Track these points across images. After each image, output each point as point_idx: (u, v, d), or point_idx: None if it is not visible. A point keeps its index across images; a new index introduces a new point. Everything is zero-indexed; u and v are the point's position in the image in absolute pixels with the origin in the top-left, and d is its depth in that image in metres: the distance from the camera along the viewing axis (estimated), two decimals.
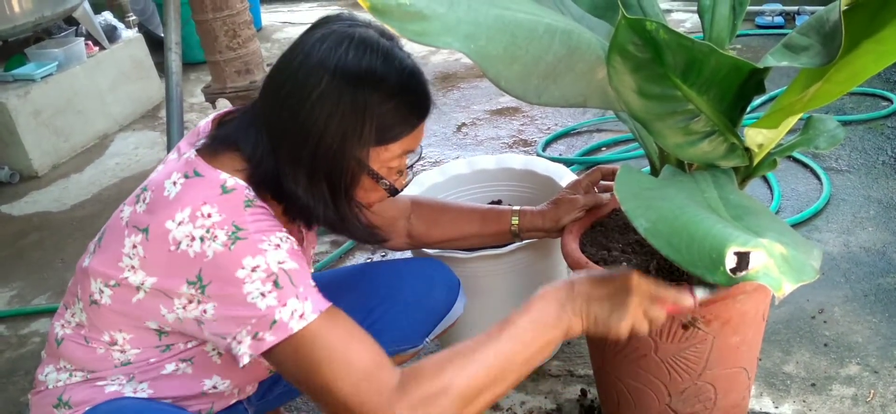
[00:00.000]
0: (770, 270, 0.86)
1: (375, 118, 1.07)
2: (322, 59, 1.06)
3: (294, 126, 1.08)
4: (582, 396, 1.70)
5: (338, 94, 1.05)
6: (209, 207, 1.05)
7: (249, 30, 2.65)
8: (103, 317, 1.12)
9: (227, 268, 1.03)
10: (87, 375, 1.16)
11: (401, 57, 1.11)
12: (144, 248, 1.07)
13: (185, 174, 1.09)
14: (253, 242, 1.04)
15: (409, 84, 1.11)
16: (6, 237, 2.85)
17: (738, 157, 1.20)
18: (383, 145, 1.11)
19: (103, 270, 1.10)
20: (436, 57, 4.03)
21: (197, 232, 1.04)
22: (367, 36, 1.09)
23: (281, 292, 1.03)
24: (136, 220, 1.09)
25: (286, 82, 1.08)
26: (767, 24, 3.64)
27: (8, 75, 3.31)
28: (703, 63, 1.04)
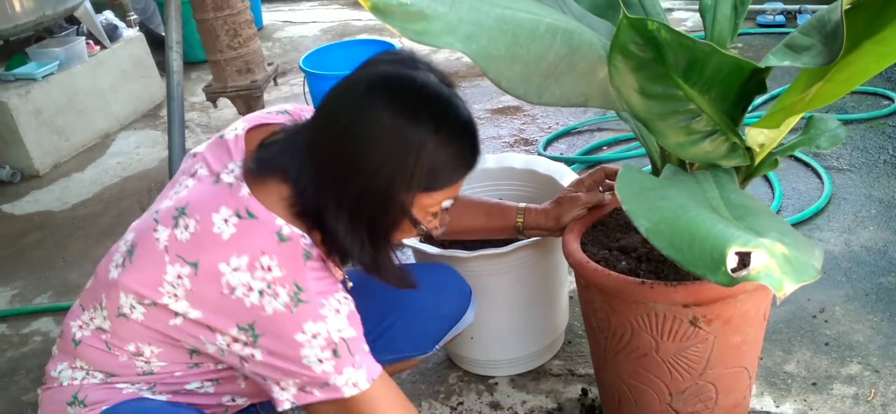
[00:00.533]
0: (771, 270, 0.86)
1: (426, 166, 1.04)
2: (382, 102, 1.03)
3: (344, 164, 1.05)
4: (583, 395, 1.70)
5: (393, 139, 1.02)
6: (268, 258, 1.04)
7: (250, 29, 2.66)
8: (131, 330, 1.12)
9: (287, 329, 1.05)
10: (106, 378, 1.16)
11: (459, 107, 1.08)
12: (192, 282, 1.06)
13: (238, 213, 1.06)
14: (314, 306, 1.05)
15: (463, 136, 1.08)
16: (7, 236, 2.85)
17: (740, 156, 1.20)
18: (428, 192, 1.08)
19: (138, 289, 1.09)
20: (437, 56, 4.02)
21: (256, 284, 1.04)
22: (428, 82, 1.06)
23: (338, 361, 1.07)
24: (180, 249, 1.07)
25: (342, 118, 1.05)
26: (769, 23, 3.63)
27: (9, 74, 3.30)
28: (704, 62, 1.04)
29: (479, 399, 1.74)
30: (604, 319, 1.36)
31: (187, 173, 1.17)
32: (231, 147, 1.15)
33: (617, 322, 1.33)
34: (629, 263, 1.35)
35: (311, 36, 4.68)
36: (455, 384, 1.80)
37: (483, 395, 1.76)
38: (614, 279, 1.27)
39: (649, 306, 1.25)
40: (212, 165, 1.14)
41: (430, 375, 1.84)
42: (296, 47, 4.52)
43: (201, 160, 1.17)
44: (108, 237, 2.72)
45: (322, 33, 4.70)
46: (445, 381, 1.81)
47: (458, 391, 1.78)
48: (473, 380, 1.80)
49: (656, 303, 1.24)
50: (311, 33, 4.74)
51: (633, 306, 1.28)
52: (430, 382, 1.81)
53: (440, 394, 1.78)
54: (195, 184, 1.13)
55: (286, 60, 4.22)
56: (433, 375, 1.83)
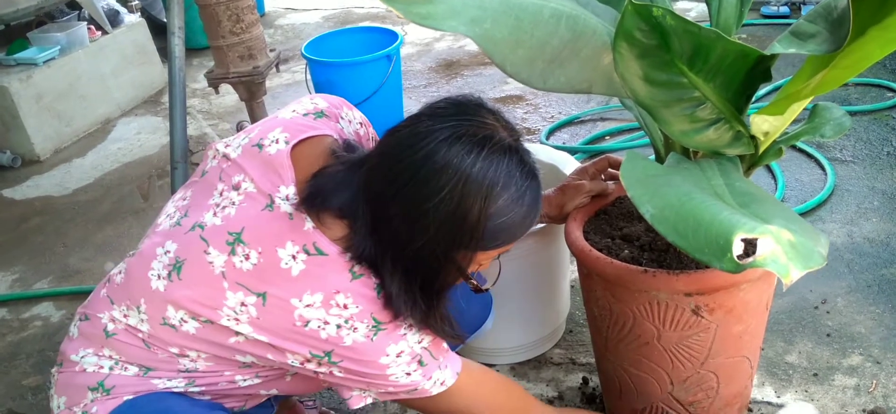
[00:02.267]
0: (777, 257, 0.86)
1: (487, 230, 1.01)
2: (448, 163, 0.98)
3: (404, 223, 1.01)
4: (584, 383, 1.70)
5: (457, 203, 0.98)
6: (343, 297, 1.04)
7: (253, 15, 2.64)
8: (179, 338, 1.11)
9: (370, 356, 1.06)
10: (142, 372, 1.14)
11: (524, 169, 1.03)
12: (259, 311, 1.05)
13: (306, 249, 1.04)
14: (393, 331, 1.06)
15: (526, 198, 1.03)
16: (8, 221, 2.85)
17: (744, 145, 1.19)
18: (486, 251, 1.06)
19: (191, 307, 1.08)
20: (440, 43, 4.01)
21: (332, 319, 1.04)
22: (497, 141, 1.01)
23: (426, 369, 1.10)
24: (242, 278, 1.05)
25: (404, 174, 1.00)
26: (773, 13, 3.62)
27: (10, 59, 3.30)
28: (709, 49, 1.03)
29: None
30: (606, 308, 1.35)
31: (227, 183, 1.13)
32: (278, 167, 1.10)
33: (619, 311, 1.32)
34: (632, 252, 1.34)
35: (313, 23, 4.67)
36: None
37: None
38: (617, 267, 1.27)
39: (651, 295, 1.25)
40: (259, 184, 1.10)
41: None
42: (298, 34, 4.51)
43: (241, 171, 1.12)
44: (109, 223, 2.72)
45: (324, 20, 4.69)
46: None
47: None
48: None
49: (658, 291, 1.24)
50: (313, 20, 4.72)
51: (635, 295, 1.27)
52: None
53: None
54: (245, 203, 1.09)
55: (288, 47, 4.21)
56: None
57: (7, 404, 1.92)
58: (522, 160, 1.03)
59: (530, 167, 1.04)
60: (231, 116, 3.46)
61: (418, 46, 4.01)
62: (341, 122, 1.20)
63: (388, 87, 2.85)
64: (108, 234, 2.66)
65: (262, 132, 1.15)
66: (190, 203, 1.16)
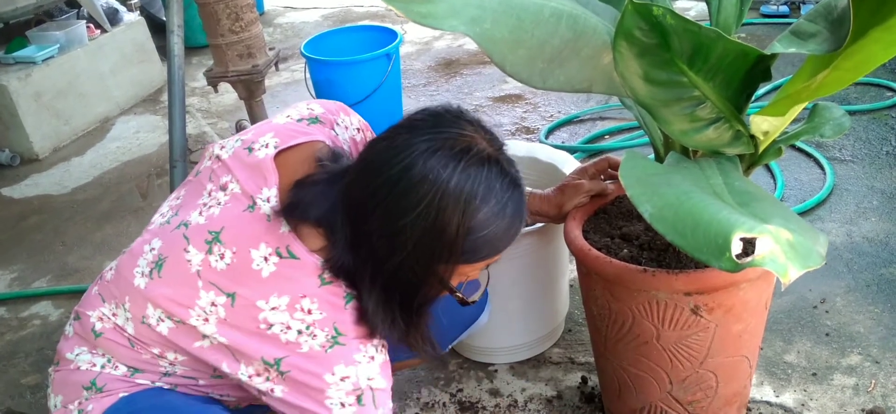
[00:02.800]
0: (776, 256, 0.86)
1: (466, 243, 0.99)
2: (425, 177, 0.96)
3: (382, 238, 1.00)
4: (583, 383, 1.70)
5: (434, 217, 0.96)
6: (309, 301, 1.03)
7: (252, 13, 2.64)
8: (156, 338, 1.11)
9: (318, 368, 1.03)
10: (130, 373, 1.14)
11: (504, 180, 1.01)
12: (227, 311, 1.05)
13: (278, 252, 1.04)
14: (350, 350, 1.04)
15: (508, 210, 1.01)
16: (7, 220, 2.85)
17: (744, 144, 1.19)
18: (469, 264, 1.04)
19: (167, 306, 1.08)
20: (439, 42, 4.01)
21: (295, 325, 1.03)
22: (476, 152, 0.98)
23: (360, 409, 1.05)
24: (215, 278, 1.05)
25: (382, 188, 0.99)
26: (773, 12, 3.62)
27: (9, 58, 3.29)
28: (709, 49, 1.03)
29: (478, 386, 1.74)
30: (605, 307, 1.35)
31: (216, 183, 1.13)
32: (263, 169, 1.09)
33: (618, 310, 1.32)
34: (631, 251, 1.34)
35: (312, 22, 4.67)
36: (455, 371, 1.80)
37: (483, 382, 1.75)
38: (616, 267, 1.27)
39: (651, 294, 1.25)
40: (244, 185, 1.09)
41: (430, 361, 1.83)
42: (297, 33, 4.50)
43: (228, 172, 1.12)
44: (107, 222, 2.72)
45: (323, 19, 4.68)
46: (445, 368, 1.81)
47: (458, 378, 1.78)
48: (473, 367, 1.80)
49: (658, 291, 1.24)
50: (312, 19, 4.72)
51: (634, 294, 1.27)
52: (430, 369, 1.81)
53: (440, 381, 1.77)
54: (228, 203, 1.09)
55: (287, 46, 4.21)
56: (433, 362, 1.83)
57: (6, 403, 1.92)
58: (503, 171, 1.01)
59: (512, 177, 1.02)
60: (230, 115, 3.46)
61: (418, 45, 4.01)
62: (336, 128, 1.19)
63: (387, 86, 2.85)
64: (107, 232, 2.66)
65: (254, 136, 1.14)
66: (181, 202, 1.16)
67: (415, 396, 1.73)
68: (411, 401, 1.72)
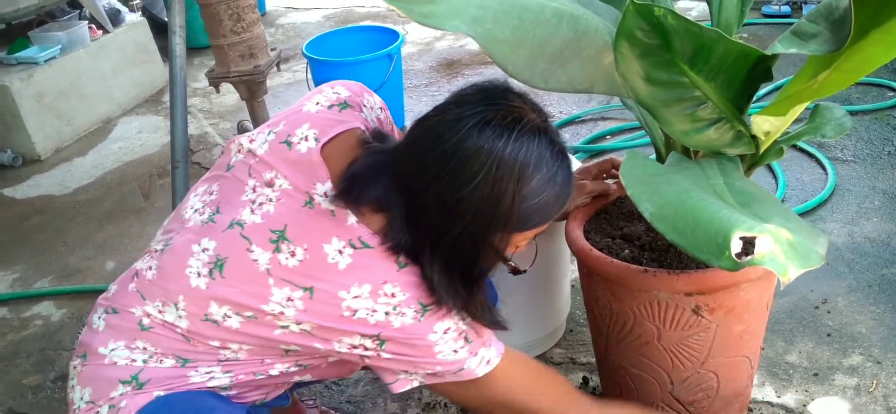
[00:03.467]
0: (776, 256, 0.86)
1: (523, 210, 1.02)
2: (480, 149, 0.98)
3: (440, 212, 1.02)
4: (584, 383, 1.70)
5: (491, 187, 0.99)
6: (391, 286, 1.05)
7: (254, 14, 2.64)
8: (220, 332, 1.11)
9: (419, 335, 1.07)
10: (180, 363, 1.14)
11: (555, 149, 1.03)
12: (306, 304, 1.06)
13: (352, 243, 1.06)
14: (441, 312, 1.07)
15: (558, 178, 1.04)
16: (9, 220, 2.85)
17: (745, 144, 1.19)
18: (523, 232, 1.07)
19: (237, 301, 1.08)
20: (440, 43, 4.01)
21: (380, 307, 1.05)
22: (526, 123, 1.01)
23: (472, 345, 1.11)
24: (288, 274, 1.06)
25: (435, 164, 1.01)
26: (774, 13, 3.62)
27: (11, 58, 3.30)
28: (711, 49, 1.03)
29: None
30: (606, 307, 1.35)
31: (259, 179, 1.13)
32: (312, 163, 1.11)
33: (619, 310, 1.32)
34: (632, 251, 1.34)
35: (314, 22, 4.67)
36: None
37: None
38: (617, 267, 1.27)
39: (652, 295, 1.25)
40: (294, 181, 1.11)
41: None
42: (299, 33, 4.51)
43: (271, 168, 1.13)
44: (109, 222, 2.72)
45: (325, 19, 4.69)
46: None
47: None
48: None
49: (659, 291, 1.24)
50: (314, 19, 4.72)
51: (635, 294, 1.27)
52: None
53: None
54: (282, 200, 1.11)
55: (289, 46, 4.21)
56: None
57: (7, 403, 1.92)
58: (552, 141, 1.03)
59: (560, 147, 1.05)
60: (232, 115, 3.46)
61: (419, 46, 4.01)
62: (365, 110, 1.22)
63: (388, 86, 2.85)
64: (108, 233, 2.66)
65: (288, 127, 1.15)
66: (219, 199, 1.16)
67: (416, 396, 1.73)
68: (412, 401, 1.72)
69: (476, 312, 1.12)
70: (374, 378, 1.80)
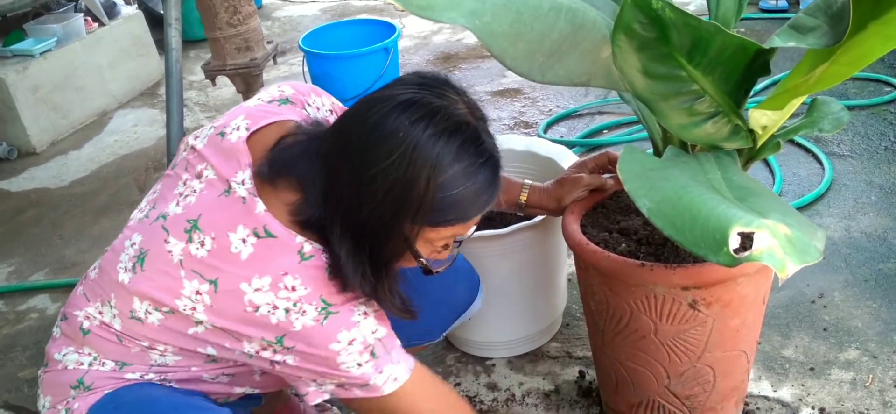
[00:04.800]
0: (774, 251, 0.86)
1: (435, 202, 0.99)
2: (398, 129, 0.97)
3: (353, 187, 1.01)
4: (580, 377, 1.70)
5: (403, 170, 0.97)
6: (292, 278, 1.03)
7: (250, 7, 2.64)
8: (146, 331, 1.11)
9: (320, 341, 1.04)
10: (118, 367, 1.14)
11: (479, 147, 1.01)
12: (212, 298, 1.05)
13: (256, 232, 1.04)
14: (345, 316, 1.05)
15: (479, 176, 1.01)
16: (4, 213, 2.84)
17: (742, 138, 1.19)
18: (435, 227, 1.03)
19: (154, 296, 1.07)
20: (438, 36, 4.01)
21: (281, 303, 1.03)
22: (452, 114, 0.99)
23: (377, 361, 1.08)
24: (196, 265, 1.05)
25: (356, 139, 1.00)
26: (771, 8, 3.62)
27: (7, 50, 3.28)
28: (708, 43, 1.03)
29: (476, 380, 1.74)
30: (602, 302, 1.35)
31: (191, 172, 1.13)
32: (237, 152, 1.10)
33: (616, 304, 1.32)
34: (629, 246, 1.34)
35: (310, 15, 4.66)
36: (452, 365, 1.80)
37: (480, 376, 1.76)
38: (614, 261, 1.27)
39: (648, 289, 1.25)
40: (219, 170, 1.10)
41: (428, 355, 1.83)
42: (295, 27, 4.49)
43: (203, 160, 1.12)
44: (105, 215, 2.71)
45: (322, 13, 4.67)
46: (443, 361, 1.81)
47: (456, 372, 1.78)
48: (471, 361, 1.80)
49: (655, 285, 1.24)
50: (310, 13, 4.71)
51: (632, 288, 1.27)
52: (428, 362, 1.81)
53: (438, 374, 1.77)
54: (204, 191, 1.10)
55: (285, 40, 4.20)
56: (431, 356, 1.83)
57: (3, 396, 1.92)
58: (479, 138, 1.01)
59: (487, 147, 1.02)
60: (228, 108, 3.42)
61: (416, 39, 4.01)
62: (308, 108, 1.19)
63: (385, 80, 2.84)
64: (104, 226, 2.65)
65: (226, 121, 1.15)
66: (158, 196, 1.16)
67: None
68: None
69: (384, 298, 1.09)
70: None
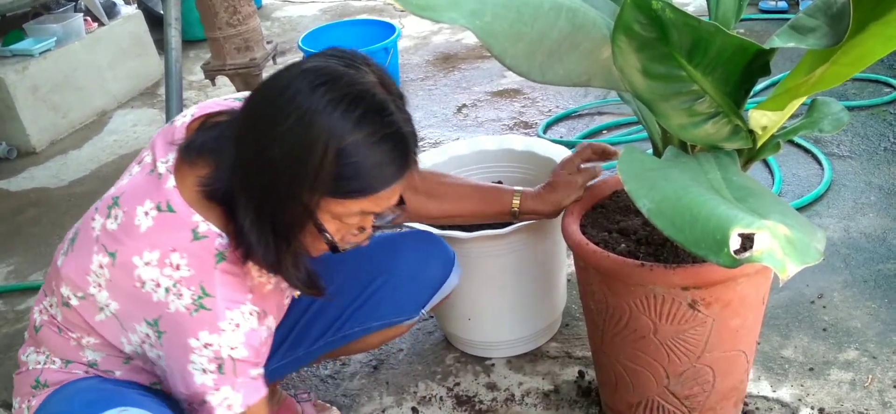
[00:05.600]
0: (774, 252, 0.86)
1: (334, 170, 0.97)
2: (298, 94, 0.97)
3: (255, 154, 1.00)
4: (580, 377, 1.70)
5: (301, 135, 0.96)
6: (178, 256, 1.03)
7: (249, 6, 2.64)
8: (74, 319, 1.13)
9: (184, 332, 1.04)
10: (64, 364, 1.17)
11: (388, 112, 0.99)
12: (110, 271, 1.06)
13: (158, 206, 1.05)
14: (214, 316, 1.04)
15: (383, 147, 0.99)
16: (3, 213, 2.84)
17: (742, 139, 1.19)
18: (338, 199, 1.01)
19: (73, 279, 1.10)
20: (437, 37, 4.01)
21: (163, 281, 1.04)
22: (357, 82, 0.98)
23: (219, 378, 1.06)
24: (105, 239, 1.07)
25: (260, 106, 1.01)
26: (771, 9, 3.61)
27: (6, 50, 3.28)
28: (708, 43, 1.03)
29: (475, 380, 1.74)
30: (602, 302, 1.35)
31: (138, 160, 1.16)
32: (174, 135, 1.11)
33: (615, 304, 1.32)
34: (628, 246, 1.34)
35: (310, 15, 4.65)
36: (452, 365, 1.80)
37: (480, 376, 1.76)
38: (613, 261, 1.27)
39: (648, 289, 1.25)
40: (155, 153, 1.11)
41: (427, 355, 1.83)
42: (295, 27, 4.49)
43: (151, 147, 1.14)
44: None
45: (321, 13, 4.67)
46: (442, 362, 1.81)
47: (455, 372, 1.78)
48: (470, 361, 1.80)
49: (655, 285, 1.24)
50: (310, 13, 4.71)
51: (631, 289, 1.27)
52: (427, 362, 1.81)
53: (437, 375, 1.78)
54: (137, 172, 1.12)
55: (285, 40, 4.20)
56: (430, 356, 1.83)
57: (2, 395, 1.92)
58: (385, 109, 0.99)
59: (395, 120, 1.00)
60: None
61: (415, 40, 4.01)
62: None
63: None
64: None
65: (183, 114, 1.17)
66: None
67: (411, 390, 1.73)
68: (408, 395, 1.72)
69: (287, 270, 1.09)
70: (369, 372, 1.80)
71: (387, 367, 1.82)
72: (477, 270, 1.62)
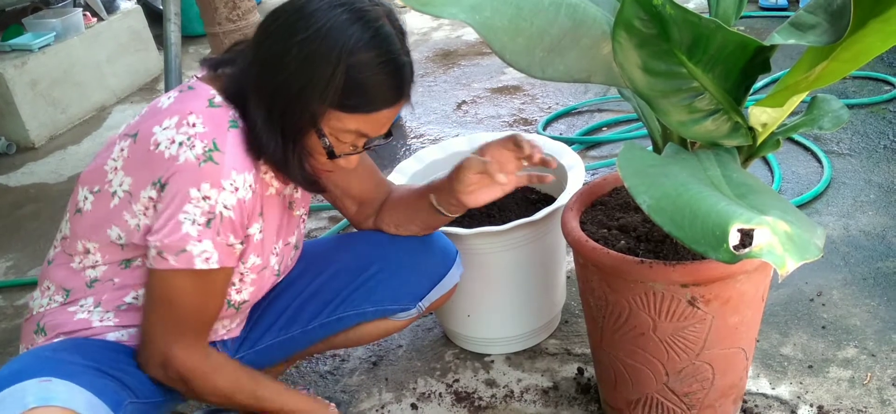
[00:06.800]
0: (774, 248, 0.86)
1: (341, 83, 1.09)
2: (318, 10, 1.09)
3: (271, 59, 1.11)
4: (579, 374, 1.70)
5: (316, 46, 1.08)
6: (195, 116, 1.12)
7: (249, 2, 2.63)
8: (82, 225, 1.20)
9: (187, 181, 1.10)
10: (64, 299, 1.22)
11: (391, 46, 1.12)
12: (130, 149, 1.15)
13: (180, 89, 1.19)
14: (220, 171, 1.11)
15: (388, 69, 1.12)
16: (2, 208, 2.84)
17: (742, 136, 1.19)
18: (340, 111, 1.12)
19: (91, 177, 1.19)
20: (437, 33, 4.00)
21: (178, 137, 1.11)
22: (371, 11, 1.11)
23: (204, 230, 1.12)
24: (129, 128, 1.18)
25: (280, 17, 1.13)
26: (771, 6, 3.62)
27: (5, 45, 3.28)
28: (709, 39, 1.03)
29: (474, 377, 1.74)
30: (601, 298, 1.35)
31: None
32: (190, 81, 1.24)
33: (615, 301, 1.32)
34: (628, 242, 1.34)
35: None
36: (451, 362, 1.80)
37: (479, 372, 1.76)
38: (613, 258, 1.27)
39: (648, 286, 1.25)
40: None
41: (427, 352, 1.83)
42: None
43: None
44: None
45: None
46: (441, 358, 1.81)
47: (454, 369, 1.78)
48: (469, 357, 1.80)
49: (655, 282, 1.24)
50: None
51: (631, 285, 1.27)
52: (426, 359, 1.81)
53: (436, 371, 1.78)
54: None
55: None
56: (429, 353, 1.83)
57: None
58: (392, 40, 1.12)
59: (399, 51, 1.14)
60: None
61: (415, 36, 4.00)
62: None
63: None
64: None
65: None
66: None
67: (411, 386, 1.73)
68: (407, 391, 1.72)
69: (292, 167, 1.18)
70: (369, 368, 1.80)
71: (386, 363, 1.82)
72: (476, 266, 1.62)
